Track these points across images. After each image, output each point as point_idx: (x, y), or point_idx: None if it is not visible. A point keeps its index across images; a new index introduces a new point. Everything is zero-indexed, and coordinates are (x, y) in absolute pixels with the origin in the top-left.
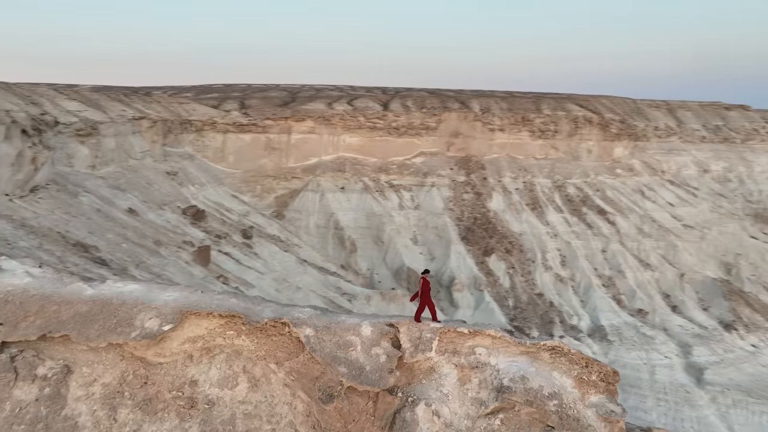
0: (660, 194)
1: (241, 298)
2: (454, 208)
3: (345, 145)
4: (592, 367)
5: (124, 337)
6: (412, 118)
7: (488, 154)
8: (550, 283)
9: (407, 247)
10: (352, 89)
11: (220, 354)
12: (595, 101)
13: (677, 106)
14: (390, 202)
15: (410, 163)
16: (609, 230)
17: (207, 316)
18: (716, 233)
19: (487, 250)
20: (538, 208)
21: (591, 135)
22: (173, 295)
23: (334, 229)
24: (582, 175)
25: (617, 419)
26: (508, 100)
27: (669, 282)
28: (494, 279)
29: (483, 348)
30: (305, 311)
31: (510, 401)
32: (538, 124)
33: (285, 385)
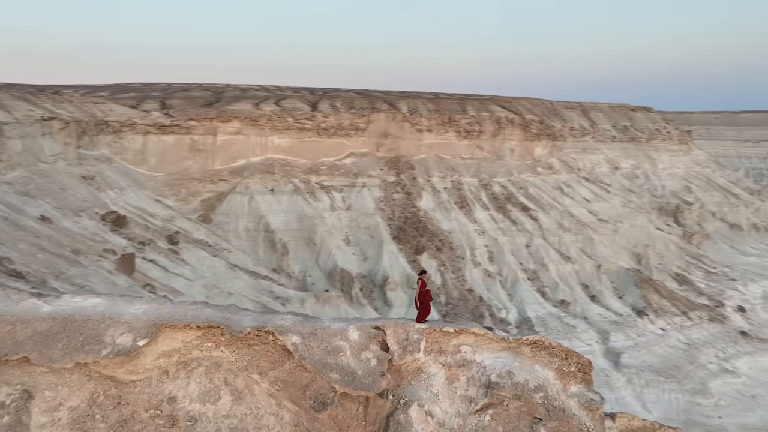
0: (577, 191)
1: (216, 308)
2: (386, 208)
3: (273, 146)
4: (571, 359)
5: (93, 356)
6: (341, 119)
7: (417, 154)
8: (479, 279)
9: (340, 248)
10: (278, 89)
11: (199, 367)
12: (516, 103)
13: (590, 107)
14: (321, 204)
15: (341, 163)
16: (532, 226)
17: (183, 329)
18: (627, 226)
19: (418, 248)
20: (466, 206)
21: (513, 135)
22: (142, 308)
23: (265, 232)
24: (506, 173)
25: (597, 407)
26: (435, 101)
27: (587, 273)
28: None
29: (467, 346)
30: (287, 318)
31: (499, 396)
32: (464, 125)
33: (270, 396)
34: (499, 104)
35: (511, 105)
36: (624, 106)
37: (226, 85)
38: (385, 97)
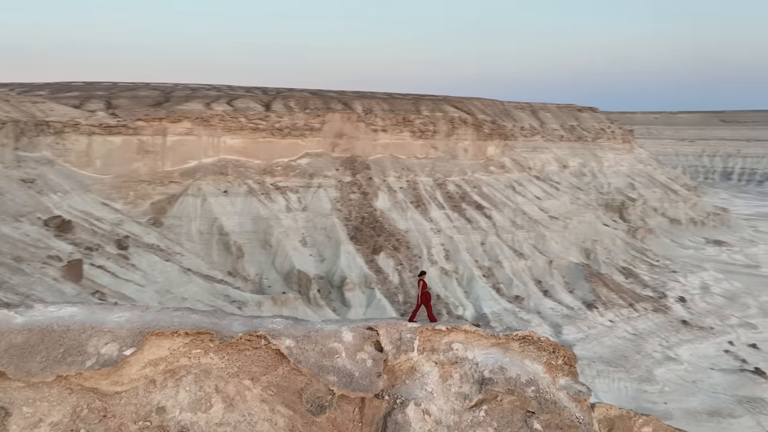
0: (528, 189)
1: (203, 313)
2: (342, 208)
3: (226, 146)
4: (558, 352)
5: (77, 368)
6: (295, 119)
7: (372, 154)
8: (436, 277)
9: (296, 250)
10: (230, 89)
11: (187, 375)
12: (469, 103)
13: (539, 107)
14: (276, 205)
15: (296, 164)
16: (486, 224)
17: (171, 336)
18: (576, 222)
19: (375, 248)
20: (421, 205)
21: (467, 135)
22: (124, 316)
23: (219, 234)
24: (460, 173)
25: (584, 398)
26: (389, 102)
27: (540, 269)
28: (384, 276)
29: (459, 343)
30: (277, 321)
31: (492, 392)
32: (419, 125)
33: (262, 401)
34: (453, 104)
35: (463, 105)
36: (571, 106)
37: (174, 85)
38: (339, 97)
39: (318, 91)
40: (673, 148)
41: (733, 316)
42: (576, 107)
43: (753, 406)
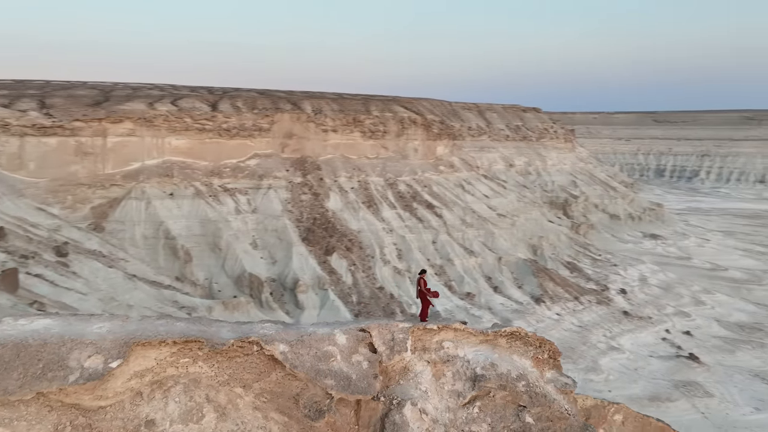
0: (477, 188)
1: (189, 321)
2: (293, 209)
3: (171, 148)
4: (544, 346)
5: (59, 383)
6: (243, 119)
7: (323, 154)
8: (389, 276)
9: (247, 253)
10: (174, 88)
11: (176, 385)
12: (417, 103)
13: (485, 108)
14: (225, 207)
15: (244, 165)
16: (437, 223)
17: (158, 345)
18: (523, 219)
19: (328, 249)
20: (373, 205)
21: (416, 135)
22: (105, 326)
23: (165, 238)
24: (411, 172)
25: (570, 390)
26: (339, 102)
27: (490, 266)
28: (337, 277)
29: (449, 342)
30: (267, 326)
31: (485, 388)
32: (369, 125)
33: (255, 409)
34: (402, 105)
35: (413, 105)
36: (515, 106)
37: (114, 84)
38: (288, 97)
39: (266, 91)
40: (611, 146)
41: (668, 305)
42: (521, 108)
43: (688, 390)
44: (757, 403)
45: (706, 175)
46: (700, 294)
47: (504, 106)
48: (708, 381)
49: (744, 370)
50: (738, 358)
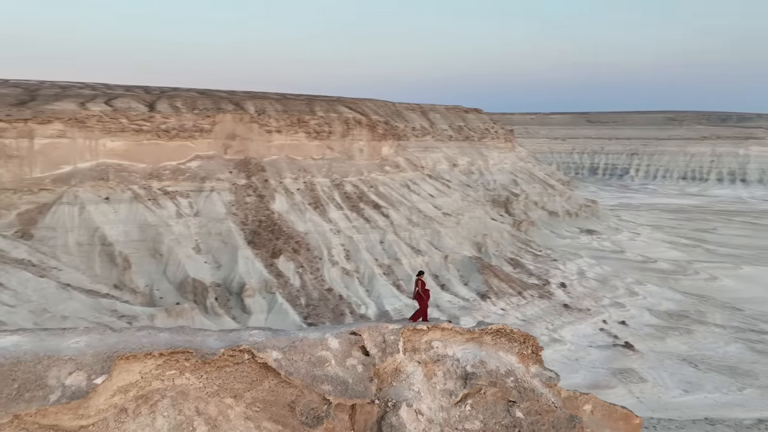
0: (422, 187)
1: (173, 331)
2: (238, 212)
3: (106, 150)
4: (528, 342)
5: (38, 404)
6: (183, 120)
7: (267, 155)
8: (337, 278)
9: (190, 257)
10: (107, 88)
11: (163, 399)
12: (362, 104)
13: (428, 109)
14: (166, 211)
15: (185, 167)
16: (384, 223)
17: (143, 358)
18: (467, 218)
19: (275, 251)
20: (320, 206)
21: (361, 135)
22: (82, 340)
23: (101, 245)
24: (357, 173)
25: (554, 383)
26: (283, 102)
27: (437, 264)
28: (285, 280)
29: (438, 341)
30: (256, 333)
31: (477, 385)
32: (314, 126)
33: (247, 419)
34: (347, 105)
35: (357, 106)
36: (458, 107)
37: (40, 82)
38: (230, 97)
39: (206, 91)
40: (547, 146)
41: (605, 297)
42: (463, 108)
43: (624, 376)
44: (686, 386)
45: (636, 172)
46: (633, 285)
47: (447, 107)
48: (642, 367)
49: (673, 356)
50: (668, 345)
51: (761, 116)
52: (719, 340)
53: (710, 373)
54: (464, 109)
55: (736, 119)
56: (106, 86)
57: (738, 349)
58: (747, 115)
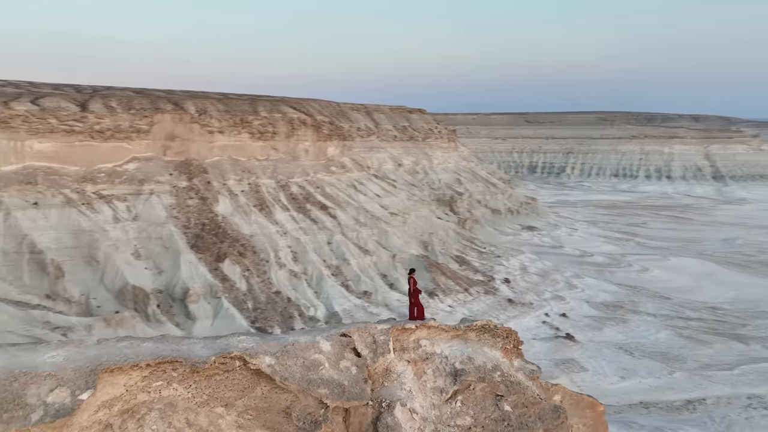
0: (369, 187)
1: (154, 340)
2: (179, 215)
3: (33, 152)
4: (510, 337)
5: (18, 424)
6: (118, 120)
7: (209, 156)
8: (285, 280)
9: (129, 264)
10: (33, 86)
11: (150, 412)
12: (306, 104)
13: (373, 109)
14: (102, 216)
15: (122, 170)
16: (332, 223)
17: (129, 370)
18: (414, 217)
19: (219, 255)
20: (265, 208)
21: (306, 136)
22: (59, 354)
23: (30, 253)
24: (302, 174)
25: (537, 376)
26: (224, 102)
27: (384, 263)
28: (231, 284)
29: (425, 339)
30: (244, 339)
31: (466, 381)
32: (257, 126)
33: (239, 428)
34: (291, 105)
35: (302, 106)
36: (402, 108)
37: None
38: (168, 96)
39: (142, 90)
40: (488, 146)
41: (546, 291)
42: (407, 109)
43: (566, 367)
44: (623, 373)
45: (571, 170)
46: (572, 279)
47: (391, 108)
48: (582, 357)
49: (610, 344)
50: (605, 334)
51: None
52: (651, 328)
53: (644, 359)
54: (408, 110)
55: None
56: (32, 84)
57: (668, 335)
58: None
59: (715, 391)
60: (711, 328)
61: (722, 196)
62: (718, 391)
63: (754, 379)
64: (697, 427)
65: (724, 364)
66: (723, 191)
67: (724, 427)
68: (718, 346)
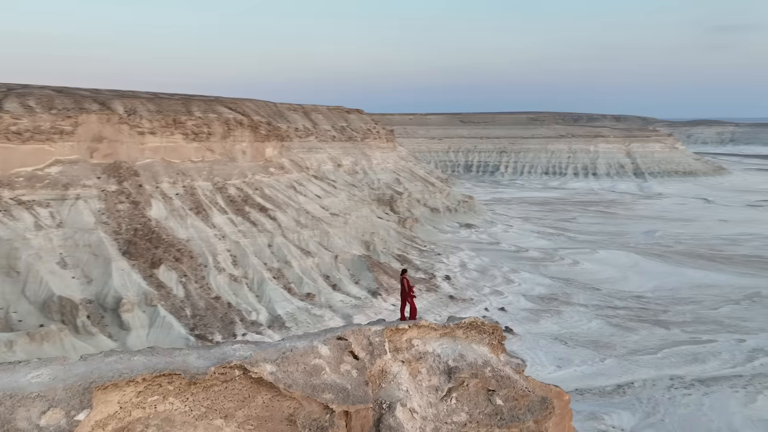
0: (309, 188)
1: (146, 353)
2: (109, 221)
3: None
4: (495, 333)
5: None
6: (38, 121)
7: (140, 159)
8: (225, 285)
9: (54, 273)
10: None
11: (147, 429)
12: (242, 104)
13: (310, 109)
14: (21, 223)
15: (43, 173)
16: (272, 225)
17: (125, 385)
18: (355, 217)
19: (154, 261)
20: (202, 211)
21: (243, 137)
22: (44, 373)
23: None
24: (240, 175)
25: (522, 369)
26: (155, 102)
27: (327, 264)
28: (167, 291)
29: (417, 339)
30: (240, 348)
31: (460, 378)
32: (191, 127)
33: None
34: (226, 105)
35: (237, 106)
36: (340, 108)
37: None
38: (94, 96)
39: (65, 89)
40: (426, 145)
41: (485, 286)
42: (344, 109)
43: None
44: (558, 362)
45: (505, 169)
46: (509, 274)
47: (329, 108)
48: (521, 348)
49: (547, 336)
50: (541, 326)
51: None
52: (583, 318)
53: (578, 348)
54: (346, 110)
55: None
56: None
57: (598, 324)
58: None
59: (642, 375)
60: (636, 316)
61: (642, 191)
62: (644, 374)
63: (676, 361)
64: (626, 409)
65: (649, 348)
66: (643, 187)
67: (651, 408)
68: (643, 332)
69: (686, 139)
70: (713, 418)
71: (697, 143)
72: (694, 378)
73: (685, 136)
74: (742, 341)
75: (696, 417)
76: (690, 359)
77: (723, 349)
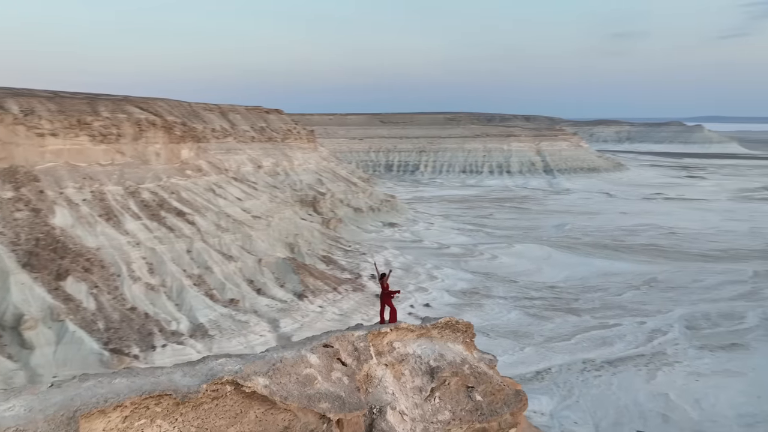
0: (228, 191)
1: (126, 374)
2: (6, 231)
3: None
4: (468, 331)
5: None
6: None
7: (41, 163)
8: (141, 294)
9: None
10: None
11: None
12: (154, 104)
13: (228, 109)
14: None
15: None
16: (190, 230)
17: (111, 411)
18: (278, 220)
19: (60, 273)
20: (113, 217)
21: (157, 138)
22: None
23: None
24: (154, 178)
25: (494, 364)
26: (57, 101)
27: (250, 269)
28: (76, 304)
29: (397, 342)
30: (224, 362)
31: (442, 378)
32: (98, 128)
33: None
34: (136, 105)
35: (149, 106)
36: (258, 108)
37: None
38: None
39: None
40: (346, 146)
41: (410, 283)
42: (263, 109)
43: None
44: None
45: (425, 168)
46: (432, 270)
47: (247, 108)
48: None
49: None
50: (465, 319)
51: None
52: (503, 310)
53: (499, 339)
54: (265, 110)
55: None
56: None
57: (517, 315)
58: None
59: (558, 360)
60: (551, 305)
61: (552, 187)
62: (560, 360)
63: (587, 345)
64: (545, 394)
65: (563, 335)
66: (552, 183)
67: (566, 391)
68: (558, 320)
69: (589, 138)
70: (621, 396)
71: (598, 141)
72: (604, 360)
73: (588, 135)
74: (642, 323)
75: (606, 396)
76: (599, 343)
77: (627, 332)
